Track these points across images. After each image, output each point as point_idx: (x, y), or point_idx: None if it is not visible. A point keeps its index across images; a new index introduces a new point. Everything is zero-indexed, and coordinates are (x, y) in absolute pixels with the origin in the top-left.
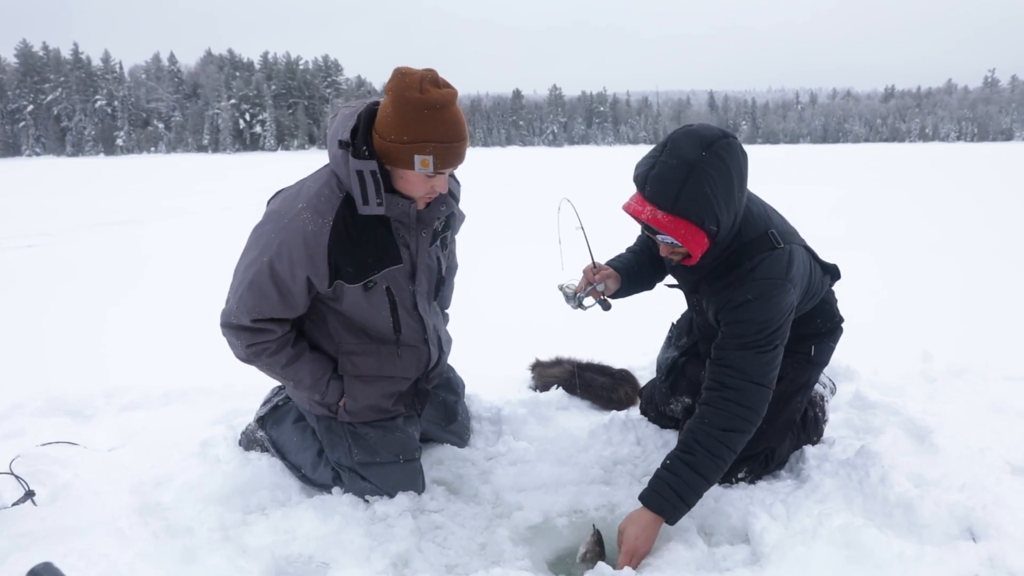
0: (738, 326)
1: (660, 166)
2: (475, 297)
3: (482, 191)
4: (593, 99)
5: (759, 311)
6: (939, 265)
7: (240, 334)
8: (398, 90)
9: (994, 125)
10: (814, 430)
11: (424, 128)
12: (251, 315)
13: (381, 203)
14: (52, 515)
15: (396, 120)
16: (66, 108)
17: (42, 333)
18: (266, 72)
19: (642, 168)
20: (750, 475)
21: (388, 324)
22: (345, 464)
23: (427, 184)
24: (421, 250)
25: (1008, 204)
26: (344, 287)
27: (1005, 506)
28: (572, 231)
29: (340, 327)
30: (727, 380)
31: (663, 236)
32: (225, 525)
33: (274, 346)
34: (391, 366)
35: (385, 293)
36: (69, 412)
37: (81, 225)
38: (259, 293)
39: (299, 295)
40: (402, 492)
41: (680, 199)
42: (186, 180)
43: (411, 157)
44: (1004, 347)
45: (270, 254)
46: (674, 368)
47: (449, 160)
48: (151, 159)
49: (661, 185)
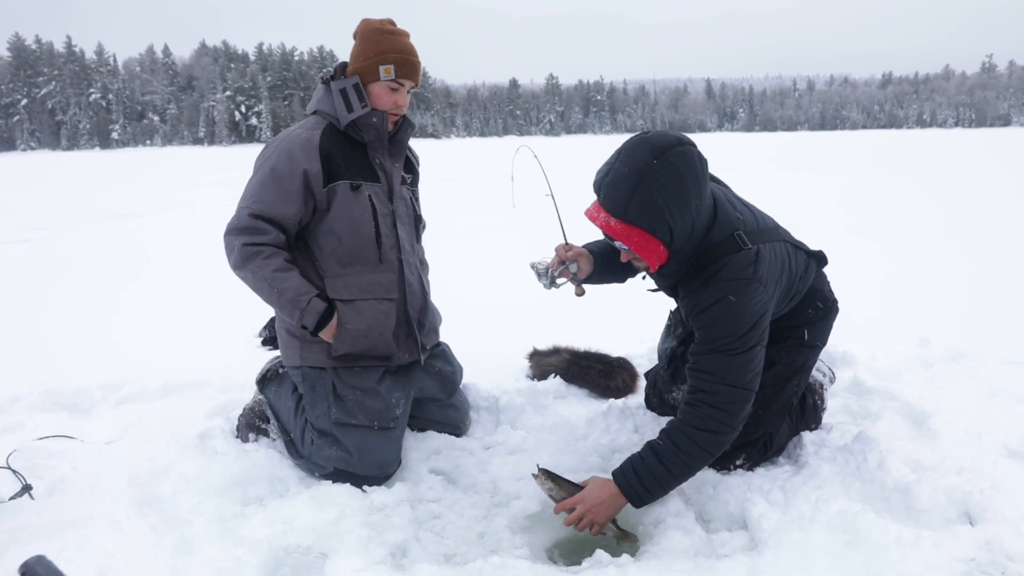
0: (708, 331)
1: (613, 173)
2: (472, 286)
3: (479, 180)
4: (590, 88)
5: (727, 313)
6: (940, 251)
7: (240, 235)
8: (363, 27)
9: (992, 111)
10: (812, 417)
11: (385, 45)
12: (251, 209)
13: (365, 105)
14: (49, 509)
15: (362, 46)
16: (60, 102)
17: (39, 327)
18: (261, 63)
19: (599, 175)
20: (748, 462)
21: (371, 231)
22: (321, 426)
23: (392, 97)
24: (395, 178)
25: (1010, 190)
26: (336, 191)
27: (1002, 490)
28: (543, 198)
29: (326, 253)
30: (700, 383)
31: (618, 243)
32: (223, 517)
33: (268, 251)
34: (374, 286)
35: (368, 200)
36: (66, 406)
37: (77, 219)
38: (260, 189)
39: (297, 192)
40: (376, 464)
41: (630, 207)
42: (183, 173)
43: (376, 68)
44: (1001, 331)
45: (271, 162)
46: (674, 357)
47: (406, 71)
48: (147, 152)
49: (613, 192)
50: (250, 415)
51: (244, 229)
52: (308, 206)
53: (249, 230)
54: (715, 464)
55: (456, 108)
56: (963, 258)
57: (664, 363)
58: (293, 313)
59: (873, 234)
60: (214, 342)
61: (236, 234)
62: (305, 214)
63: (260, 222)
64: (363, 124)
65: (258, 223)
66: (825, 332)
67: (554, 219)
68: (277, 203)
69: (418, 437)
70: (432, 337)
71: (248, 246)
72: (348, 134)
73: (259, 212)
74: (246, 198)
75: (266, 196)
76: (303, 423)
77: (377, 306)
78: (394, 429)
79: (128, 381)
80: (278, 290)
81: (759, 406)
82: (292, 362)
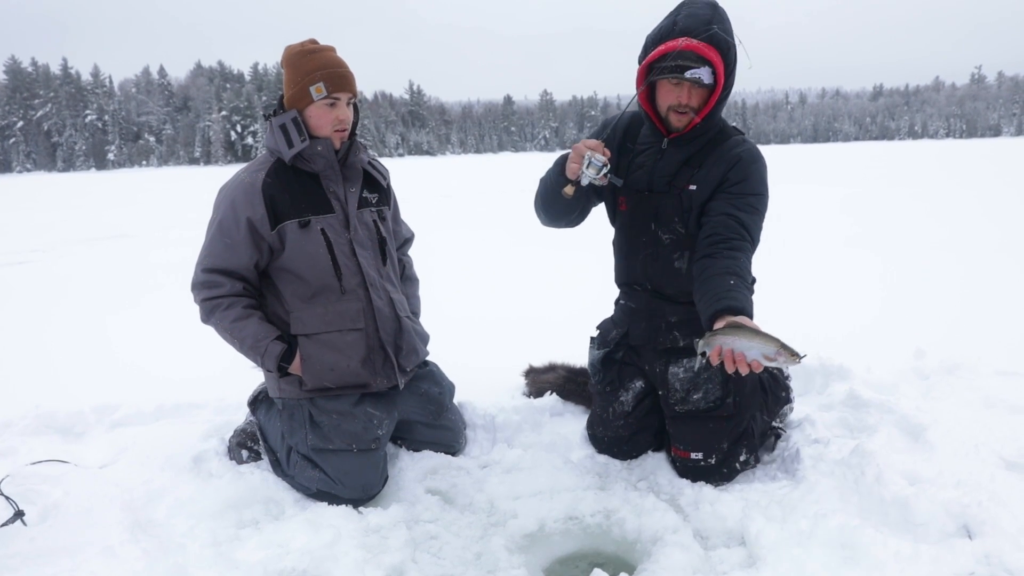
0: (746, 184)
1: (687, 8)
2: (466, 301)
3: (474, 196)
4: (584, 103)
5: (762, 170)
6: (935, 262)
7: (199, 290)
8: (286, 55)
9: (982, 121)
10: (782, 387)
11: (310, 65)
12: (203, 265)
13: (305, 140)
14: (42, 535)
15: (290, 73)
16: (56, 123)
17: (33, 350)
18: (256, 83)
19: (664, 21)
20: (749, 453)
21: (328, 266)
22: (300, 451)
23: (331, 114)
24: (351, 204)
25: (1008, 200)
26: (286, 231)
27: (1000, 502)
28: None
29: (288, 291)
30: (736, 232)
31: (694, 70)
32: (218, 540)
33: (226, 302)
34: (337, 318)
35: (321, 234)
36: (59, 430)
37: (71, 240)
38: (210, 244)
39: (244, 241)
40: (359, 487)
41: (712, 25)
42: (179, 193)
43: (307, 90)
44: (997, 342)
45: (219, 214)
46: (611, 361)
47: (338, 83)
48: (143, 173)
49: (693, 19)
50: (242, 436)
51: (201, 284)
52: (262, 250)
53: (206, 284)
54: (722, 467)
55: (451, 125)
56: (958, 269)
57: (600, 371)
58: (255, 359)
59: (872, 245)
60: (209, 363)
61: (196, 289)
62: (260, 258)
63: (214, 275)
64: (309, 156)
65: (213, 277)
66: None
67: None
68: (226, 255)
69: (414, 457)
70: (413, 358)
71: (207, 300)
72: (298, 167)
73: (211, 266)
74: (201, 253)
75: (215, 249)
76: (288, 446)
77: (343, 338)
78: (376, 450)
79: (123, 404)
80: (239, 339)
81: (735, 393)
82: (273, 393)
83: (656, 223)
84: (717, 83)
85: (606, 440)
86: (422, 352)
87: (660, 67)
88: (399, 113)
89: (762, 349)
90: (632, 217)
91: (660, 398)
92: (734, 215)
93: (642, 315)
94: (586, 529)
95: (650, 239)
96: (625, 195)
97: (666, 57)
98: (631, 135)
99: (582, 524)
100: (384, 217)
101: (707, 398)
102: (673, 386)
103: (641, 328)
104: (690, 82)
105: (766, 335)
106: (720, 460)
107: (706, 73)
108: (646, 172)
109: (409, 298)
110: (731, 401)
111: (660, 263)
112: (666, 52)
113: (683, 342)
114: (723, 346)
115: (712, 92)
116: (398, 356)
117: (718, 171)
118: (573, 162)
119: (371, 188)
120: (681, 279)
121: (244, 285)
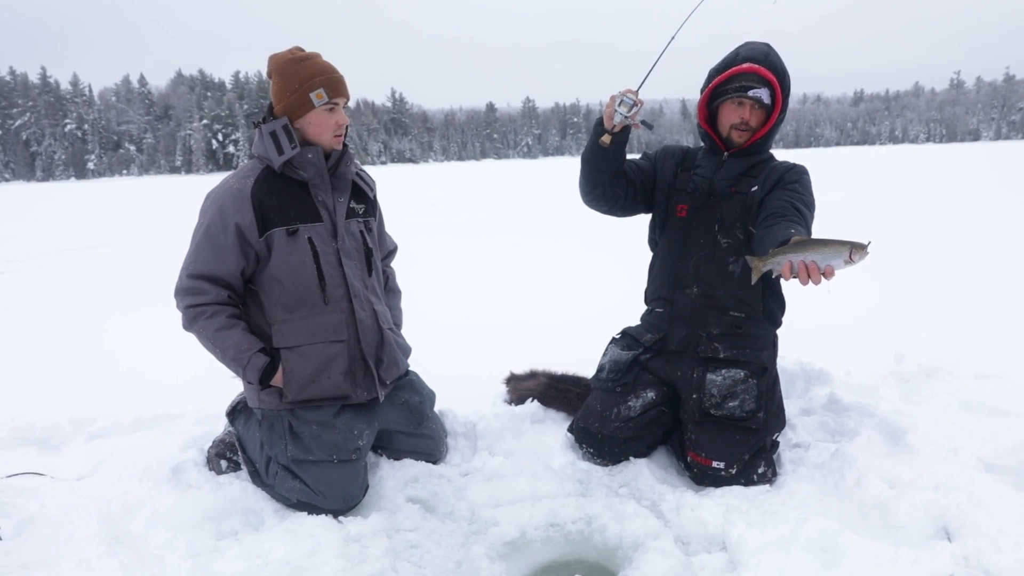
0: (800, 184)
1: (747, 45)
2: (447, 309)
3: (456, 203)
4: (567, 110)
5: (811, 183)
6: (921, 266)
7: (183, 296)
8: (275, 64)
9: (961, 126)
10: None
11: (307, 72)
12: (189, 270)
13: (295, 147)
14: (17, 549)
15: (283, 82)
16: (35, 133)
17: (8, 361)
18: (238, 92)
19: (727, 55)
20: (768, 467)
21: (313, 276)
22: (280, 461)
23: (331, 119)
24: (339, 214)
25: (990, 205)
26: (274, 239)
27: (979, 504)
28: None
29: (273, 300)
30: (796, 211)
31: (756, 90)
32: (196, 552)
33: (210, 310)
34: (320, 329)
35: (308, 243)
36: (36, 442)
37: (50, 251)
38: (197, 249)
39: (231, 247)
40: (340, 498)
41: (770, 56)
42: (158, 201)
43: (307, 97)
44: (975, 345)
45: (207, 219)
46: (635, 363)
47: (337, 88)
48: (123, 182)
49: (754, 51)
50: (220, 446)
51: (186, 290)
52: (248, 257)
53: (190, 291)
54: (740, 478)
55: (434, 133)
56: (940, 273)
57: (617, 373)
58: (237, 370)
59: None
60: (188, 374)
61: (180, 296)
62: (247, 266)
63: (200, 282)
64: (299, 163)
65: (198, 283)
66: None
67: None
68: (213, 261)
69: (394, 465)
70: (394, 371)
71: (191, 307)
72: (287, 175)
73: (197, 272)
74: (186, 259)
75: (202, 255)
76: (268, 456)
77: (324, 350)
78: (356, 461)
79: (100, 415)
80: (221, 349)
81: (764, 410)
82: (253, 404)
83: (720, 226)
84: (775, 106)
85: (599, 437)
86: (403, 365)
87: (725, 88)
88: (381, 121)
89: (834, 255)
90: (692, 221)
91: (686, 403)
92: (791, 202)
93: (684, 321)
94: (567, 536)
95: (708, 241)
96: (686, 201)
97: (731, 80)
98: (689, 158)
99: (563, 531)
100: (371, 228)
101: (743, 407)
102: (710, 391)
103: (682, 335)
104: (752, 100)
105: (831, 240)
106: (740, 471)
107: (766, 94)
108: (706, 180)
109: (392, 310)
110: (761, 416)
111: (715, 264)
112: (732, 75)
113: (724, 354)
114: (792, 261)
115: (768, 116)
116: (379, 369)
117: (775, 176)
118: (608, 107)
119: (359, 199)
120: (732, 283)
121: (229, 293)
